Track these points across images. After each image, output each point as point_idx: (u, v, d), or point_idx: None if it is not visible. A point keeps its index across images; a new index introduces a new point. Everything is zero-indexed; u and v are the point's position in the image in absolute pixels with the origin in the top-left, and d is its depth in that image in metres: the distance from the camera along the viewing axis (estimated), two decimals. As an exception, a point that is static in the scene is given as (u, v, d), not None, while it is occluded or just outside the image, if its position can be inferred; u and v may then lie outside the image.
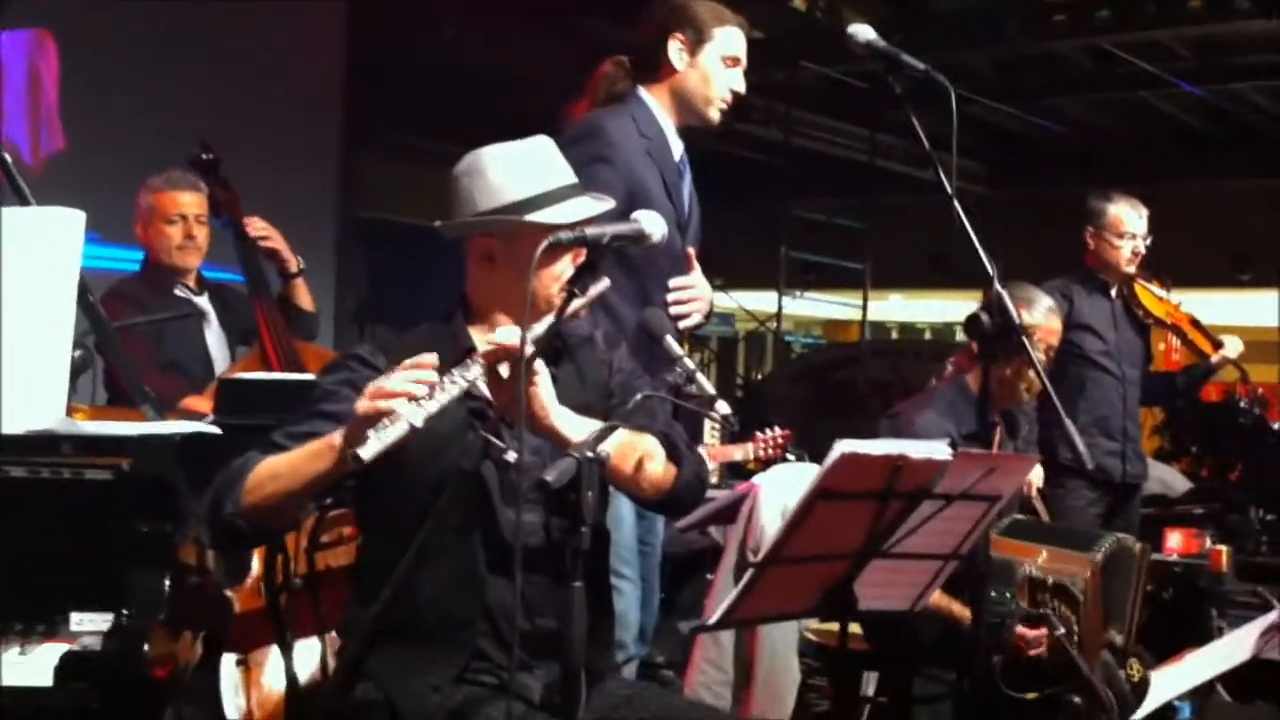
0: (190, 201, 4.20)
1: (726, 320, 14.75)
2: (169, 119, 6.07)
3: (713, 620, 2.13)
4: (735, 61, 3.49)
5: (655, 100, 3.49)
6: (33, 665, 2.18)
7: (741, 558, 4.37)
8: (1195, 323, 5.13)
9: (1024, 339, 2.85)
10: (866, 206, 11.79)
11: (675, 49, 3.46)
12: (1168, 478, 7.07)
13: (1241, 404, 10.10)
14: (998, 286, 2.80)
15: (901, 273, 13.67)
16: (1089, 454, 2.98)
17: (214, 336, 4.27)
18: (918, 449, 2.11)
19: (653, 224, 2.37)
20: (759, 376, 15.14)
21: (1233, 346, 5.11)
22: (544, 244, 2.24)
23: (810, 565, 2.18)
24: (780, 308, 11.57)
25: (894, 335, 19.07)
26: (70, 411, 2.61)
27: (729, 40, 3.49)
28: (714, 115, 3.51)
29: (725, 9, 3.56)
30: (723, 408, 2.44)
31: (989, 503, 2.32)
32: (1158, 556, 5.27)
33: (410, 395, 2.14)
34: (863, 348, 11.50)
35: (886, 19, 8.81)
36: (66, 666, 2.16)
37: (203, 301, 4.29)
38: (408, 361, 2.20)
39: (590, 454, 2.07)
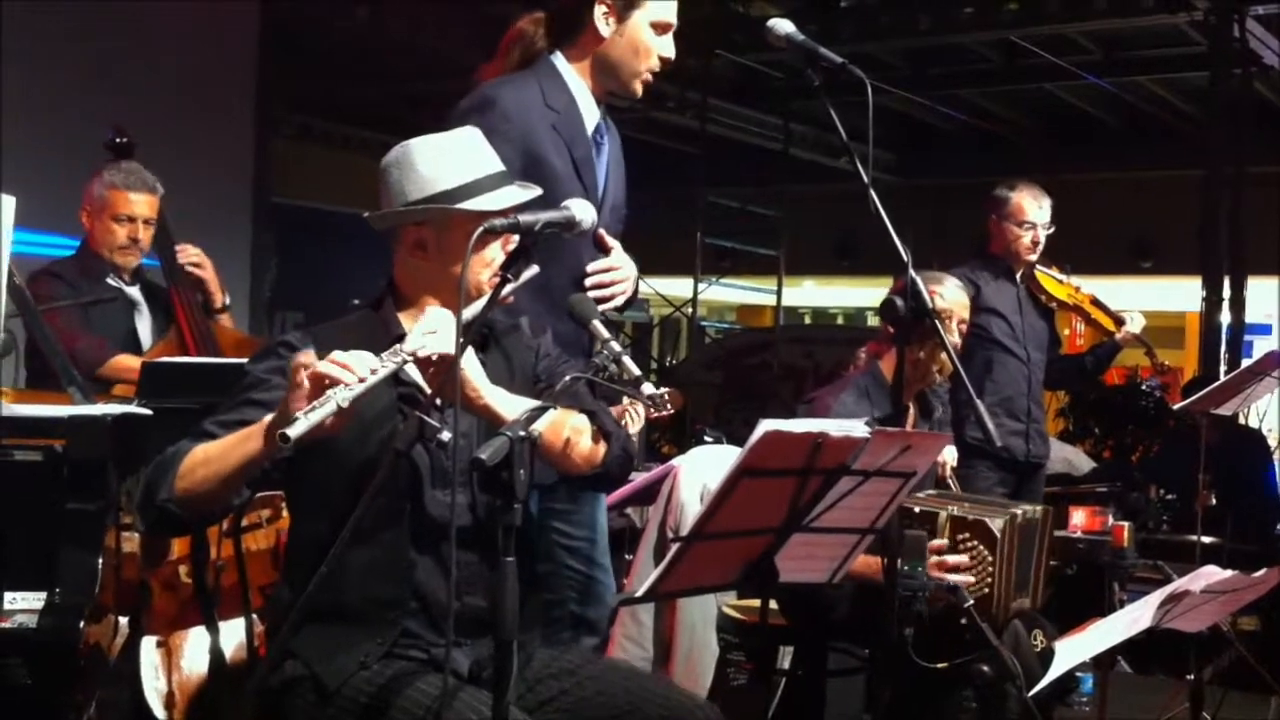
0: (143, 204, 4.15)
1: (640, 306, 14.83)
2: (85, 104, 6.01)
3: (639, 592, 2.20)
4: (666, 28, 3.25)
5: (572, 67, 3.25)
6: (-33, 644, 2.19)
7: (662, 536, 4.44)
8: (1096, 302, 5.27)
9: (937, 322, 2.94)
10: (780, 195, 11.92)
11: (600, 14, 3.20)
12: (1072, 457, 7.27)
13: (1143, 386, 10.40)
14: (911, 272, 2.89)
15: (814, 259, 13.85)
16: (997, 434, 3.09)
17: (144, 325, 4.24)
18: (838, 427, 2.19)
19: (583, 211, 2.41)
20: (673, 362, 15.23)
21: (1135, 322, 5.25)
22: (478, 231, 2.29)
23: (734, 540, 2.25)
24: (696, 293, 11.67)
25: (807, 321, 19.28)
26: (-2, 394, 2.63)
27: (660, 6, 3.23)
28: (637, 88, 3.28)
29: None
30: (649, 389, 2.49)
31: (904, 479, 2.41)
32: (1062, 533, 5.45)
33: (337, 380, 2.17)
34: (777, 333, 11.64)
35: (799, 10, 8.93)
36: (1, 644, 2.18)
37: (134, 292, 4.26)
38: (338, 354, 2.22)
39: (522, 433, 2.13)
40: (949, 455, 4.71)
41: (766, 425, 2.09)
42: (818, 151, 12.30)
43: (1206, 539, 5.56)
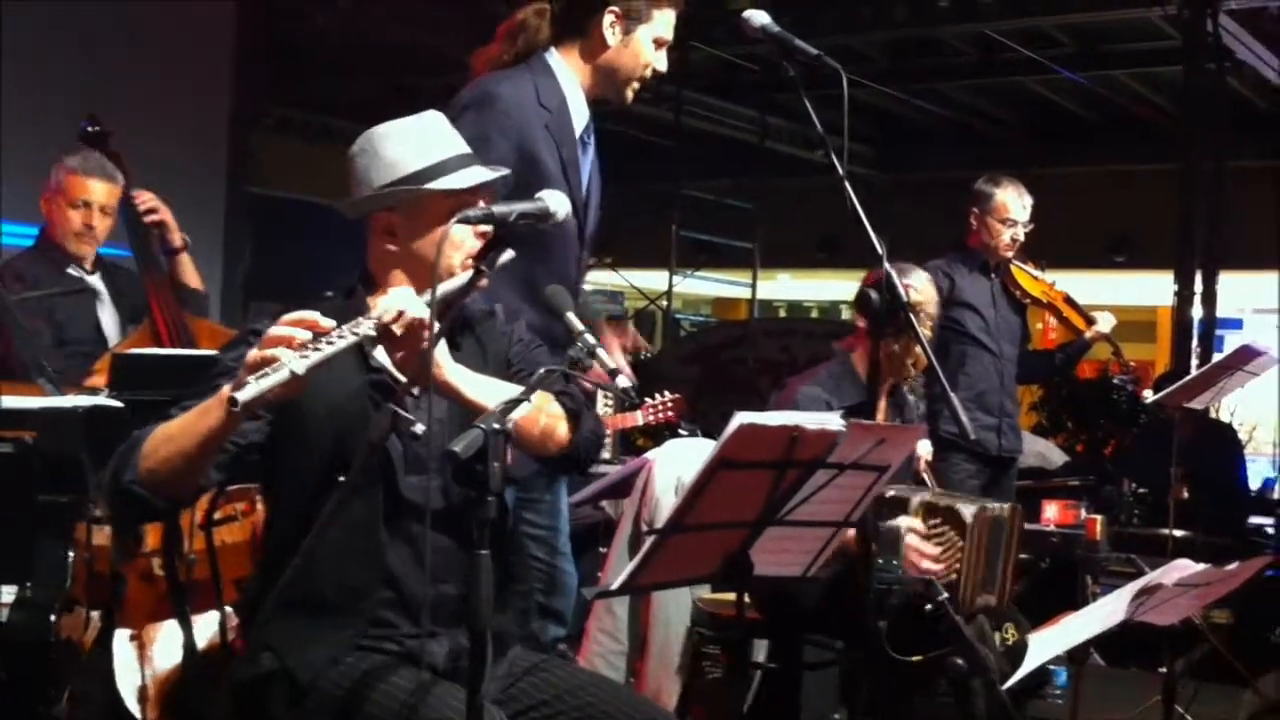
0: (100, 191, 4.14)
1: (616, 299, 14.84)
2: (59, 94, 5.97)
3: (615, 585, 2.20)
4: (665, 44, 3.34)
5: (569, 67, 3.30)
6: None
7: (637, 530, 4.45)
8: (1069, 300, 5.32)
9: (911, 315, 2.95)
10: (757, 188, 11.93)
11: (609, 22, 3.25)
12: (1046, 451, 7.31)
13: (1115, 381, 10.47)
14: (886, 265, 2.90)
15: (790, 253, 13.86)
16: (971, 427, 3.10)
17: (107, 314, 4.22)
18: (813, 420, 2.19)
19: (557, 202, 2.41)
20: (648, 355, 15.23)
21: (1105, 322, 5.30)
22: (453, 221, 2.30)
23: (710, 533, 2.25)
24: (671, 286, 11.67)
25: (782, 314, 19.30)
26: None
27: (665, 23, 3.31)
28: (629, 95, 3.35)
29: None
30: (623, 381, 2.50)
31: (879, 472, 2.41)
32: (1035, 527, 5.49)
33: (290, 339, 2.14)
34: (753, 327, 11.64)
35: (776, 1, 8.90)
36: (-28, 637, 2.17)
37: (95, 281, 4.24)
38: (291, 315, 2.20)
39: (496, 425, 2.12)
40: (925, 449, 4.75)
41: (742, 418, 2.09)
42: (794, 145, 12.31)
43: (1179, 532, 5.61)
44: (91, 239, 4.18)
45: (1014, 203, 5.11)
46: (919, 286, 3.95)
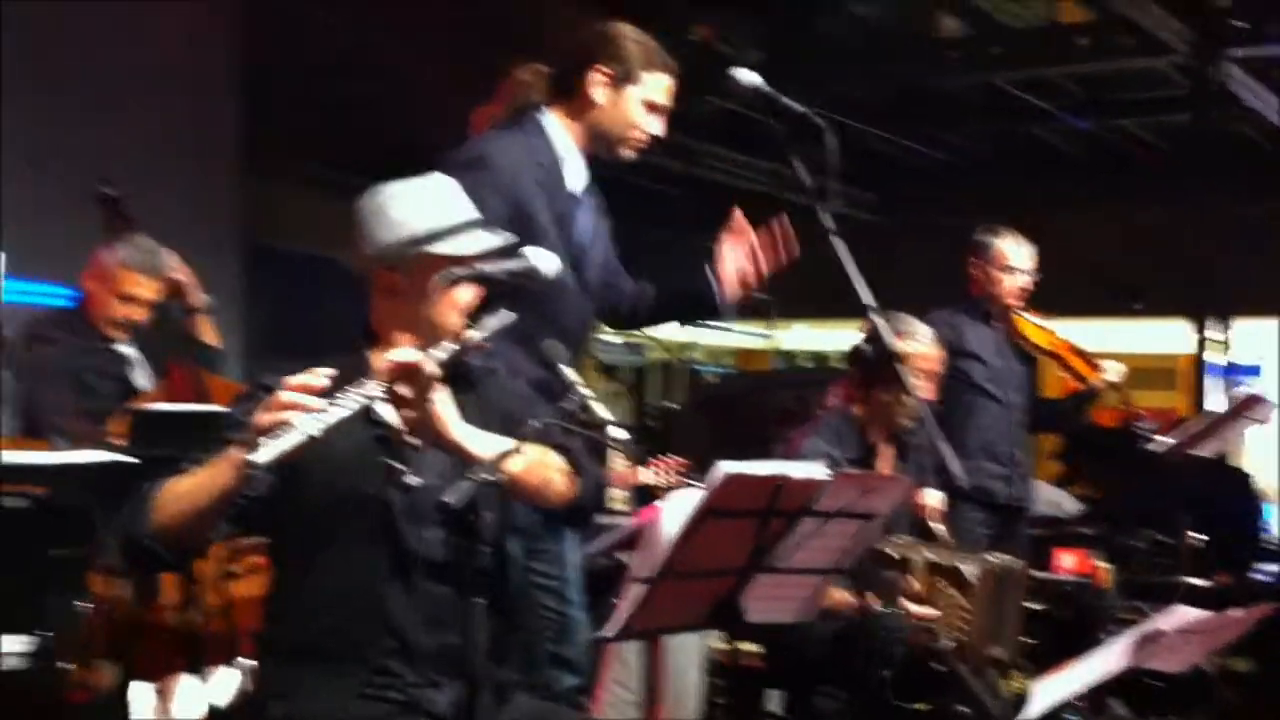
0: (149, 288, 4.21)
1: (637, 350, 14.92)
2: (69, 154, 6.07)
3: (610, 632, 2.25)
4: (659, 109, 3.32)
5: (561, 125, 3.32)
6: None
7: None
8: (1074, 349, 5.32)
9: (899, 366, 3.01)
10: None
11: (597, 81, 3.26)
12: (1059, 499, 7.29)
13: (1137, 429, 10.41)
14: (874, 316, 2.96)
15: (809, 302, 13.88)
16: (964, 473, 3.15)
17: (138, 374, 4.28)
18: (797, 469, 2.26)
19: (544, 261, 2.48)
20: (672, 406, 15.27)
21: (1113, 370, 5.31)
22: (439, 279, 2.37)
23: (699, 580, 2.31)
24: (691, 339, 11.74)
25: (809, 364, 19.27)
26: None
27: (657, 87, 3.30)
28: (625, 154, 3.35)
29: (659, 50, 3.34)
30: (616, 432, 2.55)
31: (865, 520, 2.47)
32: (1048, 576, 5.48)
33: (302, 405, 2.21)
34: (769, 378, 11.70)
35: (779, 53, 8.98)
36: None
37: (125, 349, 4.30)
38: (297, 378, 2.27)
39: (488, 475, 2.19)
40: (936, 499, 4.78)
41: (726, 467, 2.15)
42: (796, 191, 12.32)
43: (1195, 580, 5.58)
44: (129, 328, 4.24)
45: (1014, 251, 5.14)
46: (918, 340, 3.99)
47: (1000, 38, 8.98)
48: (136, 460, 2.81)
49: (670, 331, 12.72)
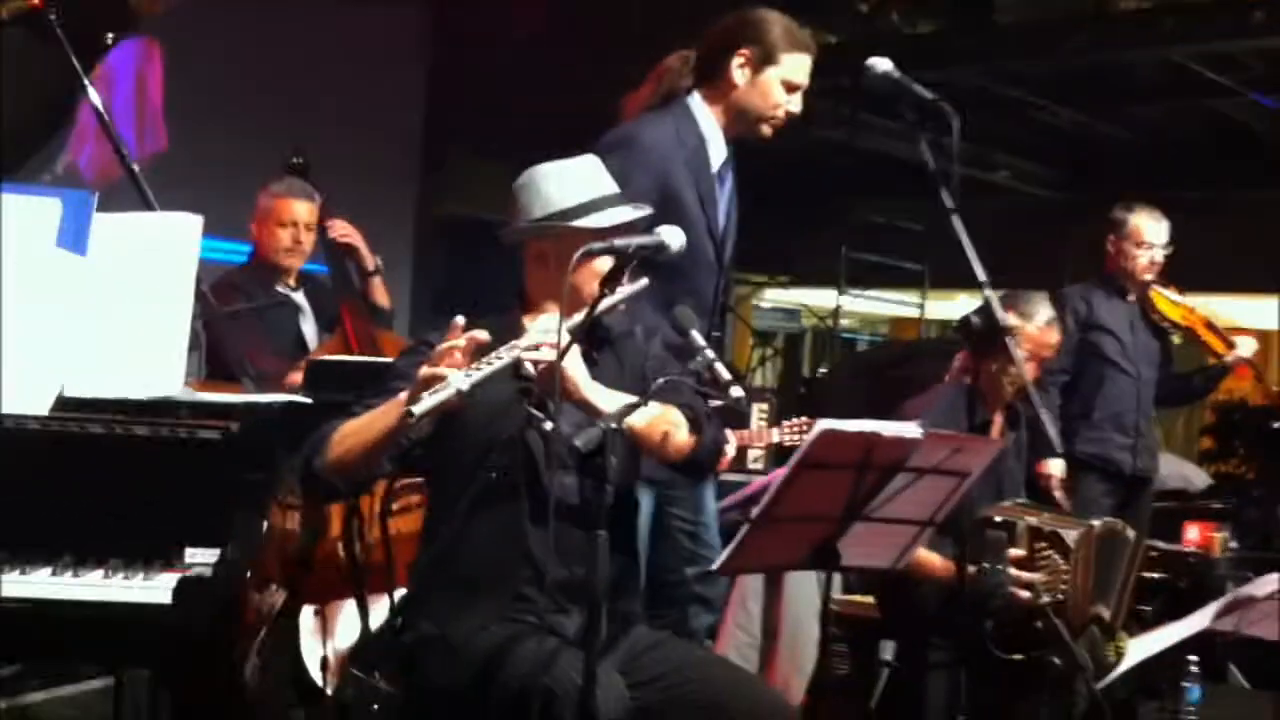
0: (303, 210, 4.64)
1: (793, 316, 15.06)
2: (262, 121, 6.56)
3: (715, 566, 2.52)
4: (796, 88, 3.49)
5: (706, 108, 3.51)
6: (155, 588, 2.59)
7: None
8: (1210, 325, 5.39)
9: (1007, 339, 3.19)
10: (928, 209, 11.94)
11: (738, 64, 3.45)
12: (1189, 473, 7.31)
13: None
14: (986, 291, 3.15)
15: (961, 273, 13.82)
16: (1059, 438, 3.30)
17: (308, 325, 4.70)
18: (890, 428, 2.49)
19: (672, 237, 2.73)
20: (822, 372, 15.40)
21: (1246, 346, 5.38)
22: (578, 254, 2.64)
23: (797, 525, 2.57)
24: (839, 305, 11.87)
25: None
26: (185, 383, 3.06)
27: (796, 67, 3.48)
28: (766, 131, 3.52)
29: (801, 32, 3.52)
30: (736, 392, 2.81)
31: (958, 477, 2.69)
32: (1170, 547, 5.57)
33: (454, 361, 2.52)
34: (918, 346, 11.76)
35: (954, 27, 8.98)
36: (182, 589, 2.58)
37: (298, 296, 4.72)
38: (453, 341, 2.56)
39: (615, 425, 2.47)
40: (1057, 468, 4.93)
41: (823, 424, 2.40)
42: (974, 166, 12.28)
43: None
44: (299, 253, 4.67)
45: (1148, 226, 5.23)
46: (1035, 321, 4.07)
47: (1174, 10, 8.85)
48: (313, 403, 3.13)
49: (824, 299, 12.84)
